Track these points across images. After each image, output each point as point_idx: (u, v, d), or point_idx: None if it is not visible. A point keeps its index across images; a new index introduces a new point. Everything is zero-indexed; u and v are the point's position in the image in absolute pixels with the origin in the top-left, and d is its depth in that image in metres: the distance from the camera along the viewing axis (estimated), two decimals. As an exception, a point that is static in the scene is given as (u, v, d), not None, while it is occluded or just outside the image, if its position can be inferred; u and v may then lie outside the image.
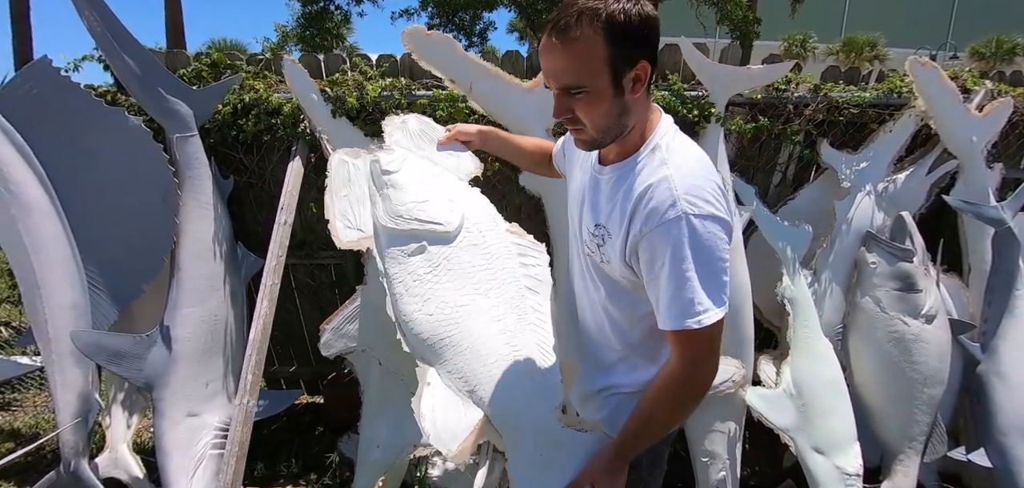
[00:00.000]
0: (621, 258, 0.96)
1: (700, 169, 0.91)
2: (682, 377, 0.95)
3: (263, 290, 1.71)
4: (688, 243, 0.85)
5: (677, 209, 0.85)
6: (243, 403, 1.56)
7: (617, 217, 0.95)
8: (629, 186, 0.93)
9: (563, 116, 0.91)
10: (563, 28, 0.83)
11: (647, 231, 0.88)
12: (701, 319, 0.87)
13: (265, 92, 1.98)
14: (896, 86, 2.20)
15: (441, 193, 1.19)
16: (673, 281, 0.87)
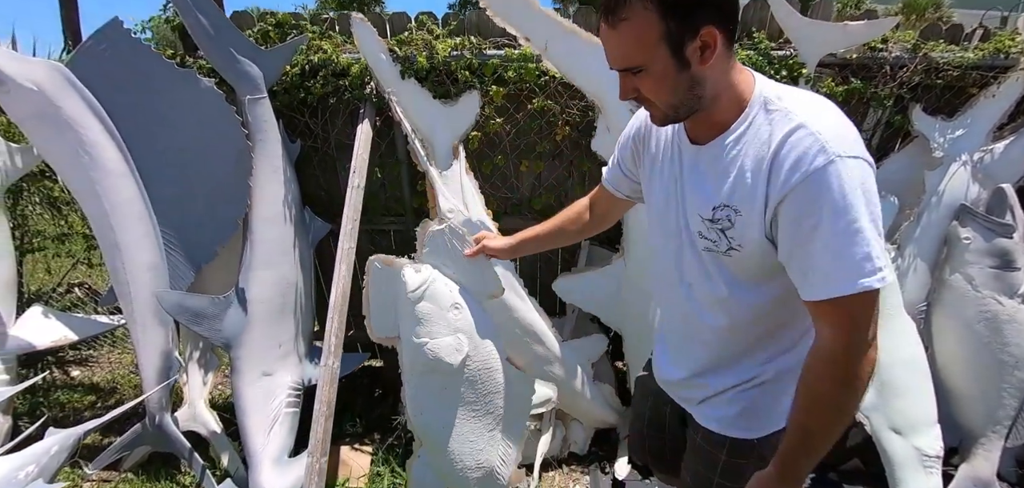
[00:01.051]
0: (761, 232, 0.83)
1: (835, 111, 0.80)
2: (839, 356, 0.80)
3: (340, 254, 1.71)
4: (849, 190, 0.73)
5: (828, 154, 0.74)
6: (328, 365, 1.58)
7: (744, 187, 0.83)
8: (752, 150, 0.82)
9: (630, 97, 0.86)
10: (612, 8, 0.77)
11: (794, 185, 0.76)
12: (882, 276, 0.74)
13: (334, 52, 1.93)
14: (1004, 46, 2.00)
15: (452, 328, 1.50)
16: (836, 237, 0.74)
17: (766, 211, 0.81)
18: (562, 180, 2.23)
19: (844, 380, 0.81)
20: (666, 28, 0.76)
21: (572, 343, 2.11)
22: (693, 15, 0.75)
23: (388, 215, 2.36)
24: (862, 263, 0.74)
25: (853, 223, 0.73)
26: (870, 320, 0.79)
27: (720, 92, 0.83)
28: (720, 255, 0.90)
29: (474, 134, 2.01)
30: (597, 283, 2.04)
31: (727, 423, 1.04)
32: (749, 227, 0.84)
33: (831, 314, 0.80)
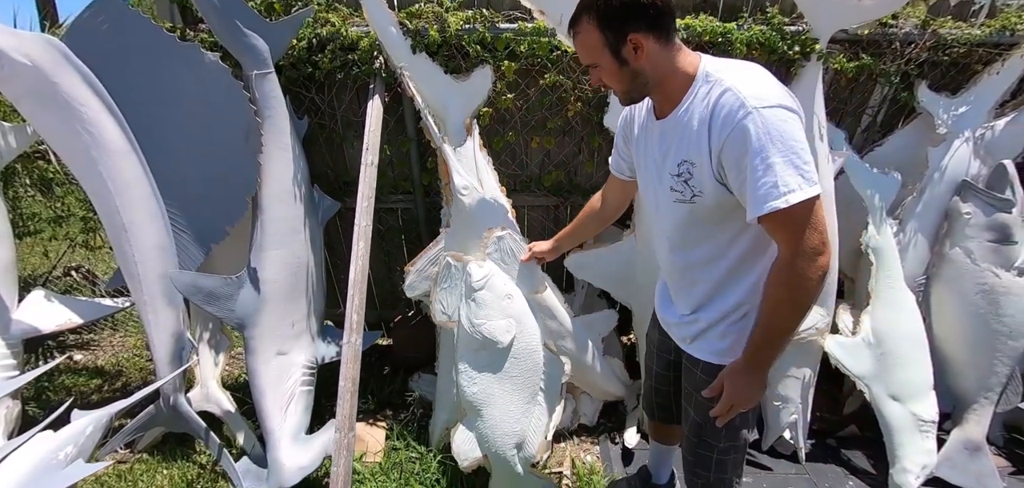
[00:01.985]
0: (712, 177, 1.04)
1: (755, 72, 1.02)
2: (786, 264, 1.01)
3: (357, 231, 1.70)
4: (763, 132, 0.94)
5: (746, 107, 0.95)
6: (351, 342, 1.59)
7: (695, 144, 1.04)
8: (697, 114, 1.03)
9: (597, 85, 1.15)
10: (572, 23, 1.09)
11: (725, 137, 0.98)
12: (787, 198, 0.94)
13: (342, 25, 1.89)
14: (1011, 23, 2.02)
15: (505, 314, 1.75)
16: (755, 171, 0.95)
17: (712, 160, 1.02)
18: (572, 157, 2.23)
19: (791, 282, 1.01)
20: (604, 37, 1.03)
21: (584, 318, 2.14)
22: (623, 26, 1.01)
23: (396, 193, 2.34)
24: (772, 189, 0.94)
25: (766, 159, 0.94)
26: (802, 228, 0.97)
27: (665, 76, 1.06)
28: (688, 203, 1.11)
29: (485, 110, 1.99)
30: (608, 259, 2.06)
31: (721, 353, 1.22)
32: (704, 174, 1.05)
33: (772, 230, 1.02)
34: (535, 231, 2.46)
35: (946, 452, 2.13)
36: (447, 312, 1.87)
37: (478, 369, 1.78)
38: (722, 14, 1.95)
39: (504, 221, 1.87)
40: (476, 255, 1.83)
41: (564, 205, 2.35)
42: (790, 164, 0.94)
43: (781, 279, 1.03)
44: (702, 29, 1.83)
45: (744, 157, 0.96)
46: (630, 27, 1.00)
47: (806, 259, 0.99)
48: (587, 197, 2.29)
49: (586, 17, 1.04)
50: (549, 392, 1.85)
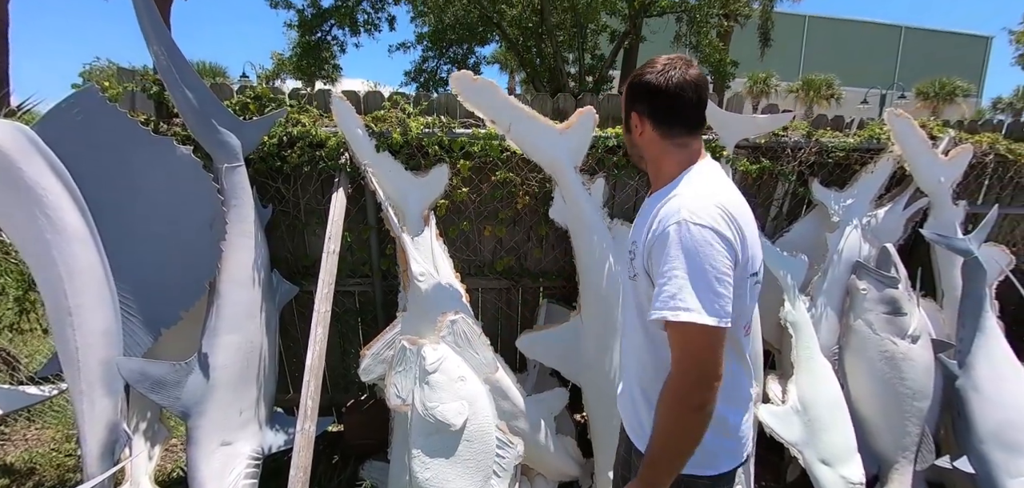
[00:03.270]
0: (642, 265, 1.10)
1: (706, 192, 1.05)
2: (671, 383, 1.00)
3: (316, 317, 1.77)
4: (681, 244, 0.98)
5: (677, 216, 1.00)
6: (304, 429, 1.60)
7: (642, 232, 1.12)
8: (653, 208, 1.11)
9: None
10: None
11: (654, 237, 1.04)
12: (678, 314, 0.94)
13: (311, 126, 2.07)
14: (876, 133, 2.48)
15: (458, 396, 1.81)
16: (662, 276, 0.99)
17: (643, 250, 1.10)
18: (521, 243, 2.43)
19: (670, 403, 1.00)
20: (624, 104, 1.19)
21: (536, 397, 2.22)
22: (632, 102, 1.15)
23: (354, 276, 2.44)
24: (668, 299, 0.97)
25: (674, 269, 0.97)
26: (691, 356, 0.97)
27: (655, 160, 1.16)
28: (630, 279, 1.18)
29: (442, 202, 2.18)
30: (557, 339, 2.20)
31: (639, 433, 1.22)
32: (640, 263, 1.12)
33: (670, 337, 1.01)
34: (489, 312, 2.59)
35: (876, 514, 2.28)
36: (401, 395, 1.92)
37: (431, 453, 1.81)
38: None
39: (458, 305, 1.99)
40: (431, 339, 1.93)
41: (515, 287, 2.51)
42: (691, 285, 0.95)
43: (664, 396, 1.02)
44: (629, 135, 2.14)
45: (659, 260, 1.00)
46: (635, 105, 1.14)
47: (688, 388, 0.98)
48: (536, 280, 2.49)
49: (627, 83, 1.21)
50: (503, 475, 1.89)
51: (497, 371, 2.00)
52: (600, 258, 2.11)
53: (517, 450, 1.94)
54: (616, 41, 8.61)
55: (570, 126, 2.02)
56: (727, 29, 9.05)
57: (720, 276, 0.96)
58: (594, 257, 2.11)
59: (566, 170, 2.05)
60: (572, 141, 2.04)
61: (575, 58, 8.66)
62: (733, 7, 7.23)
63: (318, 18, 8.64)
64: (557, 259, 2.42)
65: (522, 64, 8.89)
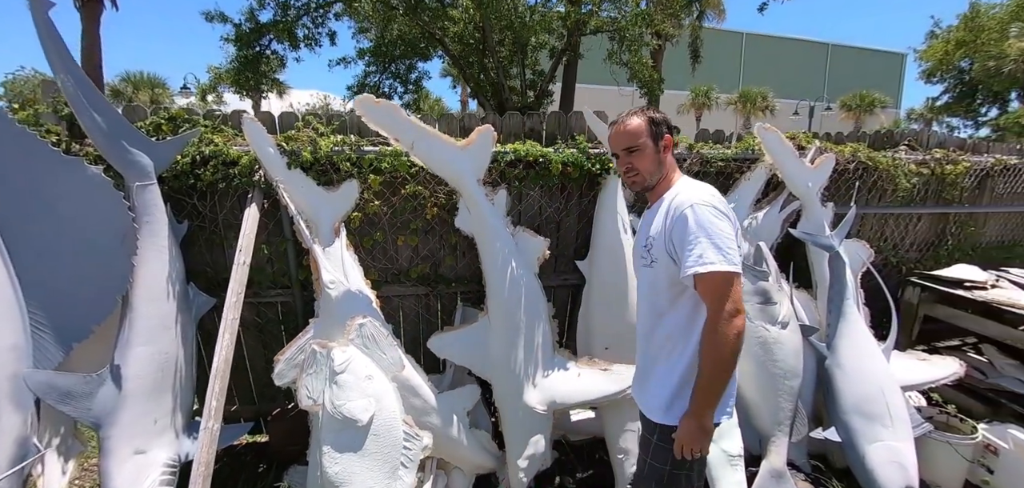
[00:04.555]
0: (664, 250, 1.45)
1: (703, 187, 1.49)
2: (709, 320, 1.37)
3: (224, 324, 1.88)
4: (696, 220, 1.37)
5: (689, 202, 1.41)
6: (209, 426, 1.70)
7: (657, 225, 1.49)
8: (664, 206, 1.50)
9: (624, 167, 1.56)
10: (624, 120, 1.55)
11: (672, 222, 1.42)
12: (705, 267, 1.33)
13: (224, 145, 2.18)
14: (751, 145, 2.81)
15: (365, 394, 1.96)
16: (688, 245, 1.36)
17: (665, 238, 1.46)
18: (435, 251, 2.60)
19: (714, 337, 1.36)
20: (650, 130, 1.52)
21: (447, 394, 2.39)
22: (660, 127, 1.53)
23: (276, 287, 2.54)
24: (697, 258, 1.35)
25: (696, 238, 1.36)
26: (719, 291, 1.34)
27: (666, 174, 1.55)
28: (648, 267, 1.53)
29: (355, 215, 2.33)
30: (465, 339, 2.37)
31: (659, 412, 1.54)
32: (659, 246, 1.48)
33: (701, 292, 1.39)
34: (410, 318, 2.75)
35: (758, 483, 2.56)
36: (313, 396, 2.04)
37: (340, 449, 1.93)
38: (545, 140, 2.53)
39: (367, 310, 2.14)
40: (340, 342, 2.06)
41: (432, 294, 2.68)
42: (712, 245, 1.34)
43: (706, 330, 1.39)
44: (526, 152, 2.37)
45: (683, 235, 1.38)
46: (665, 130, 1.54)
47: (724, 320, 1.34)
48: (450, 286, 2.66)
49: (637, 118, 1.53)
50: (410, 465, 2.03)
51: (404, 369, 2.15)
52: (503, 263, 2.31)
53: (424, 442, 2.09)
54: (555, 57, 9.01)
55: (471, 143, 2.22)
56: (659, 47, 9.65)
57: (727, 238, 1.36)
58: (498, 262, 2.31)
59: (469, 183, 2.24)
60: (473, 157, 2.24)
61: (517, 73, 8.98)
62: (660, 27, 7.75)
63: (255, 32, 8.55)
64: (471, 265, 2.60)
65: (466, 79, 9.12)
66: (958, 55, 16.74)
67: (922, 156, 3.43)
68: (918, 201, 3.55)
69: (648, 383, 1.61)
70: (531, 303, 2.35)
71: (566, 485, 2.73)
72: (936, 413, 2.83)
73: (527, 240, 2.41)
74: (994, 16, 15.05)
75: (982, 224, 4.00)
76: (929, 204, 3.61)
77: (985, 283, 3.04)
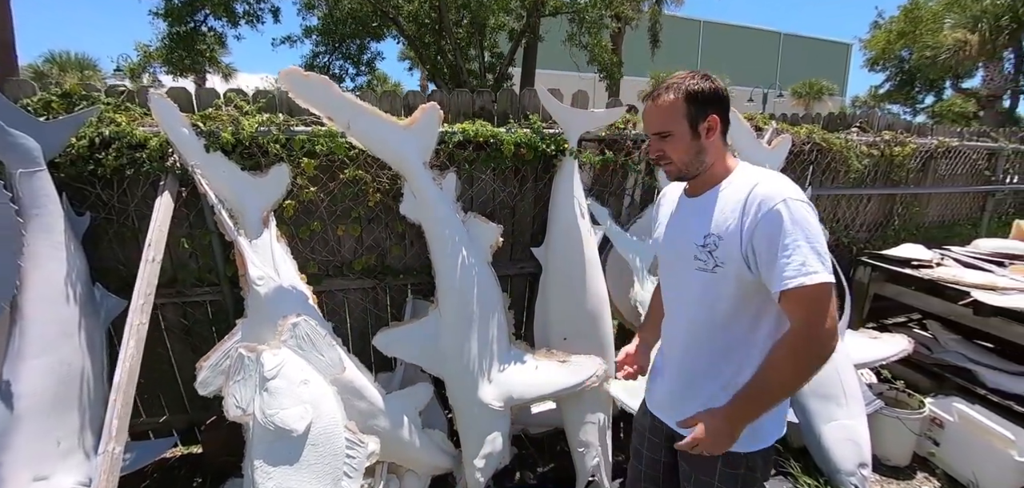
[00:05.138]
0: (739, 251, 1.17)
1: (780, 176, 1.20)
2: (800, 337, 1.11)
3: (128, 330, 1.64)
4: (793, 219, 1.10)
5: (781, 196, 1.12)
6: (108, 450, 1.48)
7: (727, 221, 1.19)
8: (733, 197, 1.20)
9: (656, 153, 1.27)
10: (656, 96, 1.23)
11: (760, 218, 1.13)
12: (811, 278, 1.07)
13: (128, 126, 1.91)
14: (709, 125, 2.75)
15: (300, 400, 1.75)
16: (785, 250, 1.10)
17: (742, 237, 1.16)
18: (381, 241, 2.42)
19: (801, 354, 1.12)
20: (687, 109, 1.20)
21: (397, 394, 2.23)
22: (705, 107, 1.20)
23: (202, 285, 2.29)
24: (799, 267, 1.08)
25: (795, 240, 1.09)
26: (819, 306, 1.09)
27: (715, 161, 1.25)
28: (708, 272, 1.23)
29: (288, 203, 2.11)
30: (414, 334, 2.21)
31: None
32: (730, 248, 1.18)
33: (792, 305, 1.11)
34: (356, 313, 2.55)
35: (716, 468, 2.53)
36: (241, 405, 1.84)
37: (274, 462, 1.74)
38: (497, 120, 2.37)
39: (302, 308, 1.94)
40: (271, 344, 1.86)
41: (380, 287, 2.49)
42: (813, 250, 1.08)
43: (793, 348, 1.11)
44: (476, 132, 2.21)
45: (776, 237, 1.10)
46: (712, 109, 1.21)
47: (822, 338, 1.09)
48: (399, 278, 2.49)
49: (672, 93, 1.20)
50: (354, 475, 1.87)
51: (345, 371, 1.97)
52: (453, 252, 2.15)
53: (369, 449, 1.93)
54: (514, 39, 8.80)
55: (414, 122, 2.04)
56: (618, 31, 9.62)
57: (822, 240, 1.12)
58: (447, 251, 2.15)
59: (414, 166, 2.06)
60: (418, 138, 2.05)
61: (476, 55, 8.72)
62: (620, 9, 7.68)
63: (188, 7, 7.82)
64: (420, 254, 2.43)
65: (421, 61, 8.78)
66: (899, 45, 17.59)
67: (872, 138, 3.49)
68: (868, 182, 3.62)
69: (693, 404, 1.30)
70: (484, 294, 2.21)
71: (527, 480, 2.63)
72: (886, 389, 2.89)
73: (479, 227, 2.26)
74: (931, 8, 15.86)
75: (925, 205, 4.14)
76: (878, 185, 3.69)
77: (930, 262, 3.12)
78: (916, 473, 2.70)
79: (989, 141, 4.33)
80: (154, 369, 2.48)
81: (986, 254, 3.32)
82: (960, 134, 4.15)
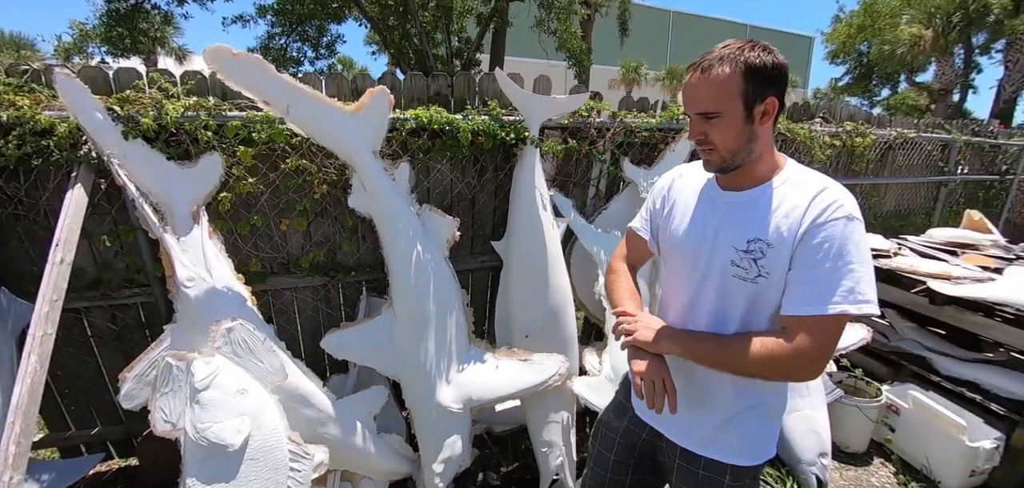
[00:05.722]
0: (786, 262, 1.04)
1: (839, 185, 1.07)
2: (798, 356, 1.00)
3: (30, 343, 1.44)
4: (854, 239, 0.98)
5: (847, 210, 1.00)
6: (4, 481, 1.30)
7: (774, 226, 1.04)
8: (792, 197, 1.05)
9: (697, 136, 1.08)
10: (706, 67, 1.03)
11: (821, 221, 1.00)
12: (861, 308, 0.96)
13: (31, 109, 1.69)
14: (675, 113, 2.69)
15: (237, 412, 1.62)
16: (838, 269, 0.97)
17: (796, 241, 1.02)
18: (330, 235, 2.26)
19: (783, 361, 1.02)
20: (744, 87, 1.00)
21: (348, 399, 2.09)
22: (766, 86, 1.01)
23: (131, 286, 2.09)
24: (849, 292, 0.97)
25: (853, 264, 0.98)
26: (832, 338, 1.01)
27: (764, 151, 1.08)
28: (748, 282, 1.07)
29: (224, 195, 1.93)
30: (366, 335, 2.08)
31: (730, 451, 1.19)
32: (779, 259, 1.04)
33: (810, 326, 1.00)
34: (307, 312, 2.39)
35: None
36: (171, 420, 1.68)
37: (208, 481, 1.60)
38: (454, 106, 2.24)
39: (238, 311, 1.78)
40: (204, 351, 1.70)
41: (332, 284, 2.34)
42: (868, 277, 0.97)
43: (780, 356, 1.01)
44: (430, 119, 2.07)
45: (839, 255, 0.97)
46: (772, 90, 1.02)
47: (821, 363, 1.01)
48: (351, 274, 2.34)
49: (728, 65, 1.00)
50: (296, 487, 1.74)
51: (288, 378, 1.83)
52: (407, 246, 2.02)
53: (316, 460, 1.80)
54: (482, 24, 8.58)
55: (362, 107, 1.88)
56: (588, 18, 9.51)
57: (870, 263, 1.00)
58: (400, 246, 2.02)
59: (363, 156, 1.91)
60: (366, 124, 1.90)
61: (443, 40, 8.45)
62: (589, -5, 7.58)
63: (126, -19, 7.26)
64: (374, 249, 2.28)
65: (385, 44, 8.44)
66: (858, 39, 18.16)
67: (835, 128, 3.51)
68: (830, 173, 3.66)
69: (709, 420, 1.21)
70: (441, 290, 2.09)
71: (490, 481, 2.54)
72: (845, 377, 2.93)
73: (434, 220, 2.13)
74: (888, 4, 16.41)
75: (883, 194, 4.23)
76: (839, 175, 3.73)
77: (888, 251, 3.16)
78: (873, 459, 2.74)
79: (943, 132, 4.45)
80: (83, 378, 2.27)
81: (940, 244, 3.40)
82: (916, 125, 4.25)
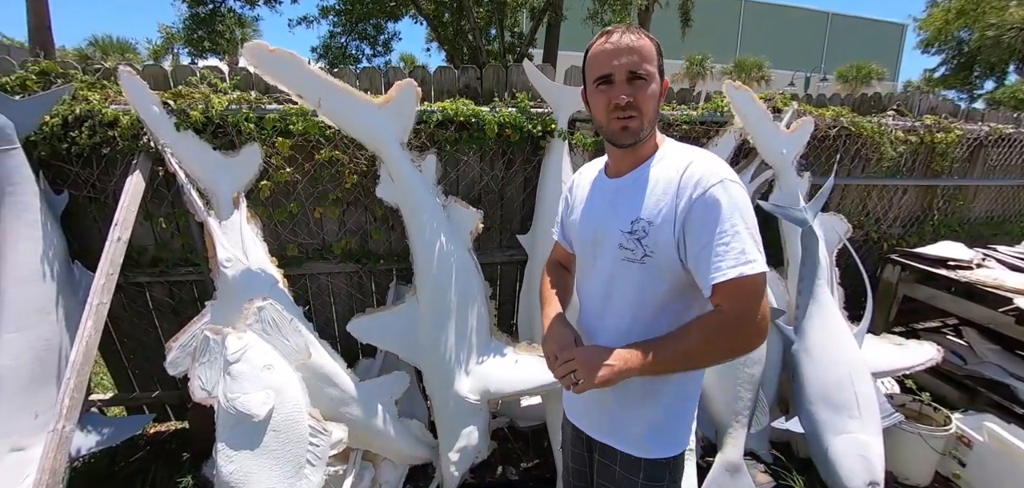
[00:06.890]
0: (672, 238, 1.03)
1: (710, 154, 1.07)
2: (728, 328, 1.00)
3: (88, 310, 1.63)
4: (732, 203, 0.98)
5: (716, 178, 0.99)
6: (57, 429, 1.47)
7: (654, 205, 1.05)
8: (664, 175, 1.06)
9: (625, 100, 1.04)
10: (631, 32, 1.05)
11: (695, 198, 1.00)
12: (751, 268, 0.96)
13: (100, 103, 1.89)
14: (719, 106, 2.53)
15: (263, 386, 1.71)
16: (722, 237, 0.98)
17: (676, 220, 1.03)
18: (362, 224, 2.34)
19: (735, 340, 1.02)
20: (659, 62, 1.06)
21: (371, 382, 2.17)
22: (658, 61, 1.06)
23: (186, 265, 2.29)
24: (739, 256, 0.97)
25: (734, 228, 0.97)
26: (755, 297, 1.00)
27: (650, 135, 1.10)
28: (636, 263, 1.08)
29: (264, 184, 2.06)
30: (391, 322, 2.14)
31: (641, 445, 1.18)
32: (661, 235, 1.04)
33: (727, 295, 0.99)
34: (341, 297, 2.50)
35: (711, 476, 2.37)
36: (206, 388, 1.82)
37: (236, 447, 1.72)
38: (483, 98, 2.24)
39: (269, 291, 1.90)
40: (237, 327, 1.83)
41: (364, 271, 2.43)
42: (751, 237, 0.98)
43: (719, 333, 1.01)
44: (456, 111, 2.09)
45: (714, 222, 0.98)
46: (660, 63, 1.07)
47: (751, 333, 1.01)
48: (380, 263, 2.41)
49: (645, 37, 1.05)
50: (317, 463, 1.83)
51: (312, 357, 1.92)
52: (432, 237, 2.06)
53: (334, 437, 1.88)
54: (536, 18, 8.50)
55: (390, 100, 1.94)
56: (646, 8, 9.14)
57: (757, 227, 1.01)
58: (425, 236, 2.06)
59: (390, 147, 1.97)
60: (394, 116, 1.96)
61: (496, 35, 8.47)
62: (650, -16, 7.27)
63: (208, -12, 7.96)
64: (403, 239, 2.33)
65: (440, 41, 8.61)
66: (957, 24, 16.22)
67: (911, 122, 3.16)
68: (905, 172, 3.30)
69: (623, 409, 1.20)
70: (463, 282, 2.11)
71: (507, 476, 2.54)
72: (909, 401, 2.64)
73: (459, 212, 2.15)
74: (998, -18, 14.53)
75: (971, 198, 3.76)
76: (916, 176, 3.35)
77: (970, 262, 2.81)
78: (938, 494, 2.46)
79: (1051, 128, 3.87)
80: (146, 346, 2.51)
81: (1037, 255, 2.97)
82: (1017, 120, 3.73)
